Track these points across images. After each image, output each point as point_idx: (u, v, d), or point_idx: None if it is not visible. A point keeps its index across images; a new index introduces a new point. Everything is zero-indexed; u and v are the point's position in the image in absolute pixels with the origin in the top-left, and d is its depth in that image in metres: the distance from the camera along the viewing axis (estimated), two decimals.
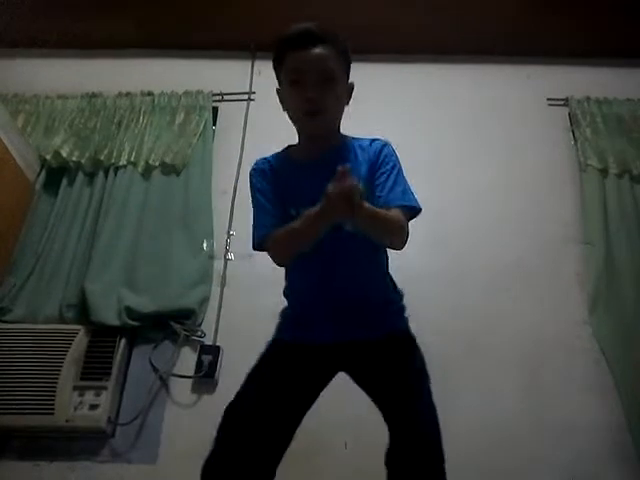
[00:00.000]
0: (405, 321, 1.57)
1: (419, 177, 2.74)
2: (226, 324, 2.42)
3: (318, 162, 1.53)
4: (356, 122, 2.94)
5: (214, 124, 3.00)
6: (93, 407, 2.16)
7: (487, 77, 3.13)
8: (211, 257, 2.56)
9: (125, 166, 2.72)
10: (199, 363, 2.30)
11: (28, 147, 2.72)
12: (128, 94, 3.02)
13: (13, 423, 2.13)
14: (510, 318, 2.43)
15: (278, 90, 1.56)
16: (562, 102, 3.03)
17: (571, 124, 2.96)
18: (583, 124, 2.89)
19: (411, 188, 1.53)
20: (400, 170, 1.54)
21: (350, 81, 1.58)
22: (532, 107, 3.02)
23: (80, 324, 2.32)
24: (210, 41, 3.14)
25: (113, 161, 2.74)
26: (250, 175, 1.60)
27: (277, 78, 1.55)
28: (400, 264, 2.52)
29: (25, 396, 2.14)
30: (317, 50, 1.47)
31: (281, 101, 1.56)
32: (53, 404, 2.13)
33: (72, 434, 2.18)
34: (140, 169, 2.72)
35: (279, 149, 1.66)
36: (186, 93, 3.01)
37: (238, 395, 1.42)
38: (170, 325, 2.35)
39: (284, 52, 1.50)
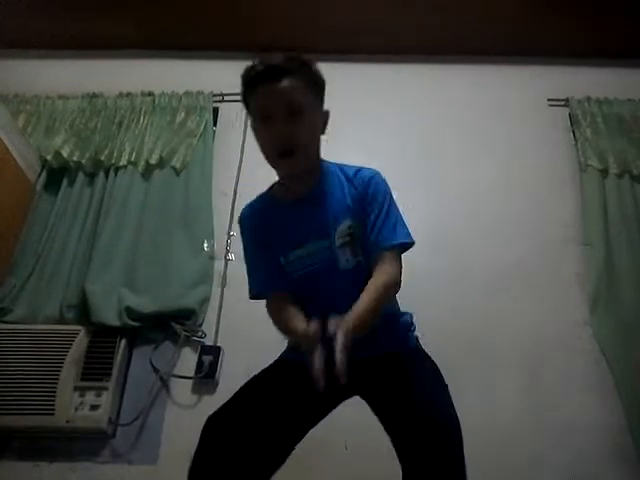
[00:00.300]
0: (412, 340, 1.55)
1: (419, 178, 2.78)
2: (227, 325, 2.42)
3: (302, 202, 1.49)
4: (356, 122, 2.95)
5: (214, 125, 3.00)
6: (94, 408, 2.16)
7: (487, 77, 3.13)
8: (211, 258, 2.56)
9: (125, 166, 2.72)
10: (199, 364, 2.30)
11: (29, 147, 2.72)
12: (129, 94, 3.02)
13: (13, 423, 2.13)
14: (510, 318, 2.43)
15: (252, 126, 1.49)
16: (562, 102, 3.02)
17: (571, 124, 2.96)
18: (583, 124, 2.89)
19: (402, 220, 1.49)
20: (390, 204, 1.47)
21: (325, 109, 1.53)
22: (532, 107, 3.02)
23: (80, 324, 2.32)
24: (210, 41, 3.14)
25: (113, 161, 2.74)
26: (238, 223, 1.59)
27: (249, 115, 1.49)
28: (402, 265, 2.54)
29: (25, 396, 2.14)
30: (283, 83, 1.40)
31: (256, 139, 1.48)
32: (53, 404, 2.13)
33: (72, 434, 2.18)
34: (140, 169, 2.72)
35: None
36: (186, 93, 3.01)
37: (225, 406, 1.37)
38: (171, 325, 2.35)
39: (250, 89, 1.45)
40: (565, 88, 3.04)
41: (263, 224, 1.54)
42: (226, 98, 3.03)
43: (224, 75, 3.12)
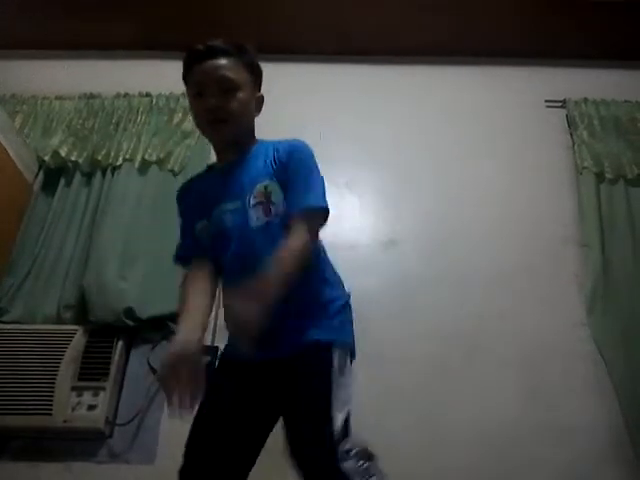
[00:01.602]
0: (327, 332, 1.41)
1: (418, 180, 2.79)
2: (224, 325, 2.41)
3: (227, 168, 1.55)
4: (355, 122, 2.96)
5: None
6: (91, 408, 2.16)
7: (485, 79, 3.14)
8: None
9: (122, 166, 2.71)
10: None
11: (26, 148, 2.71)
12: (126, 95, 3.02)
13: (11, 424, 2.12)
14: (509, 319, 2.43)
15: (189, 102, 1.58)
16: (560, 104, 3.03)
17: (569, 126, 2.96)
18: (580, 126, 2.90)
19: (318, 186, 1.47)
20: (308, 171, 1.48)
21: (259, 94, 1.60)
22: (530, 109, 3.03)
23: (78, 324, 2.32)
24: (206, 42, 3.14)
25: (111, 161, 2.73)
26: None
27: (187, 93, 1.58)
28: (399, 266, 2.55)
29: (23, 397, 2.13)
30: (217, 61, 1.49)
31: (191, 114, 1.59)
32: (51, 405, 2.13)
33: (70, 435, 2.17)
34: (137, 170, 2.72)
35: None
36: (184, 94, 2.97)
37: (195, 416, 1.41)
38: (168, 325, 2.34)
39: (188, 68, 1.54)
40: (562, 89, 3.05)
41: (190, 193, 1.65)
42: None
43: None
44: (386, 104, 3.01)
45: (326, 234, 1.52)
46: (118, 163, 2.72)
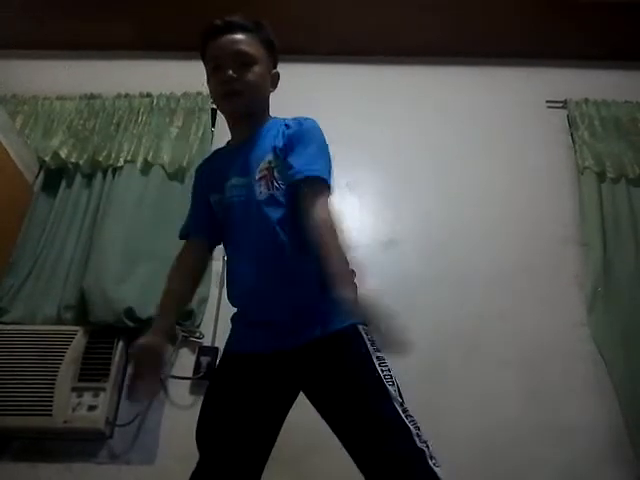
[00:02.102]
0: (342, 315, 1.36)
1: (418, 180, 2.78)
2: (224, 325, 2.40)
3: (240, 146, 1.56)
4: (355, 122, 2.95)
5: (213, 126, 3.00)
6: (91, 408, 2.16)
7: (486, 79, 3.14)
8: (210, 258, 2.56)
9: (123, 167, 2.71)
10: (197, 364, 2.30)
11: (26, 148, 2.71)
12: (127, 95, 3.03)
13: (11, 424, 2.12)
14: (509, 320, 2.43)
15: (207, 77, 1.59)
16: (561, 104, 3.03)
17: (570, 126, 2.96)
18: (581, 127, 2.90)
19: (327, 162, 1.49)
20: (317, 141, 1.50)
21: (275, 70, 1.61)
22: (531, 109, 3.03)
23: (78, 325, 2.32)
24: None
25: (111, 162, 2.73)
26: None
27: (205, 68, 1.60)
28: (399, 267, 2.55)
29: (23, 397, 2.13)
30: (234, 36, 1.52)
31: (209, 89, 1.59)
32: (51, 405, 2.13)
33: (70, 435, 2.18)
34: (138, 170, 2.72)
35: None
36: (185, 95, 3.01)
37: (199, 419, 1.43)
38: None
39: (205, 44, 1.57)
40: (563, 90, 3.05)
41: (205, 171, 1.67)
42: None
43: None
44: (386, 105, 3.01)
45: None
46: (119, 164, 2.71)
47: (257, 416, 1.40)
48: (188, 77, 3.10)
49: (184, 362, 2.34)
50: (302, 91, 2.93)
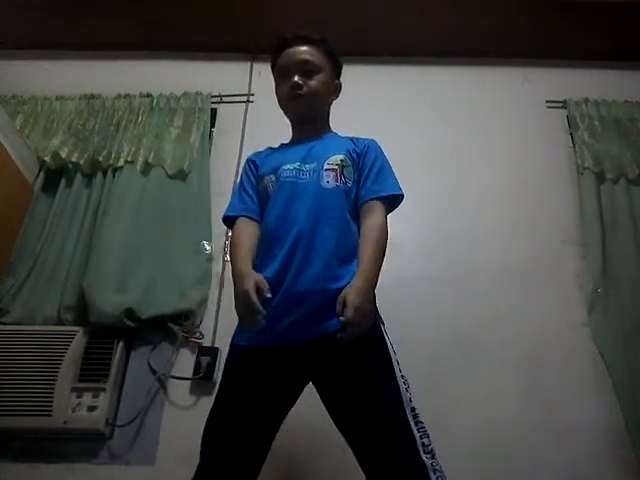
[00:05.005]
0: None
1: (418, 180, 2.78)
2: (224, 325, 2.41)
3: (301, 143, 1.70)
4: (355, 123, 2.95)
5: (213, 126, 3.00)
6: (91, 409, 2.15)
7: (485, 79, 3.14)
8: (209, 259, 2.56)
9: (123, 167, 2.71)
10: (197, 365, 2.30)
11: (26, 148, 2.71)
12: (127, 95, 3.02)
13: (11, 425, 2.12)
14: (510, 319, 2.43)
15: (275, 86, 1.74)
16: (560, 104, 3.03)
17: (569, 126, 2.96)
18: (581, 127, 2.90)
19: (394, 177, 1.65)
20: (382, 162, 1.66)
21: (338, 81, 1.78)
22: (531, 109, 3.03)
23: (78, 325, 2.32)
24: (209, 42, 3.14)
25: (111, 162, 2.73)
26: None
27: (275, 78, 1.76)
28: (401, 267, 2.55)
29: (23, 398, 2.13)
30: (300, 47, 1.68)
31: (278, 101, 1.74)
32: (51, 406, 2.12)
33: (70, 436, 2.17)
34: (138, 170, 2.72)
35: None
36: (185, 95, 3.01)
37: (211, 411, 1.45)
38: (168, 326, 2.34)
39: (276, 56, 1.73)
40: (563, 90, 3.05)
41: (256, 160, 1.77)
42: (224, 99, 3.03)
43: (222, 76, 3.14)
44: (386, 104, 3.01)
45: None
46: (119, 164, 2.71)
47: (268, 411, 1.43)
48: (188, 77, 3.13)
49: (184, 362, 2.33)
50: None
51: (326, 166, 1.58)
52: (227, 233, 2.63)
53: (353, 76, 3.15)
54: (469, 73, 3.16)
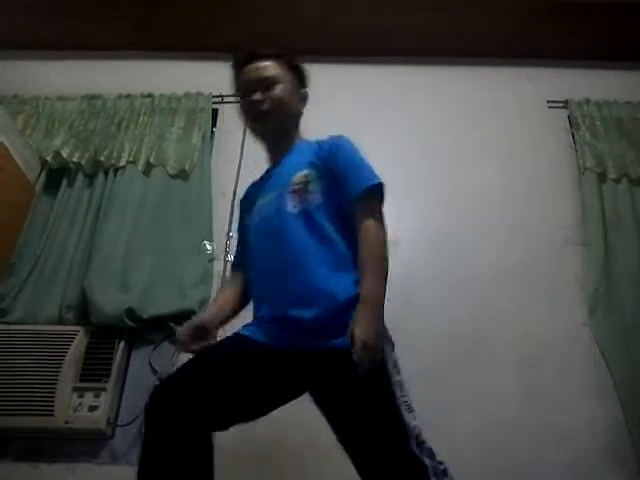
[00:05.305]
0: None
1: (419, 180, 2.78)
2: (225, 326, 2.41)
3: (273, 168, 1.66)
4: (355, 124, 2.95)
5: (214, 126, 3.00)
6: (92, 408, 2.15)
7: (487, 79, 3.14)
8: (211, 259, 2.56)
9: (124, 167, 2.72)
10: None
11: (28, 148, 2.72)
12: (128, 96, 3.03)
13: (12, 424, 2.12)
14: (510, 320, 2.43)
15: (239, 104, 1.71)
16: (562, 104, 3.03)
17: (571, 127, 2.96)
18: (582, 127, 2.90)
19: (365, 167, 1.52)
20: (354, 159, 1.54)
21: (303, 90, 1.72)
22: (532, 109, 3.03)
23: (80, 325, 2.32)
24: (210, 42, 3.14)
25: (113, 162, 2.74)
26: None
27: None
28: (399, 267, 2.54)
29: (24, 397, 2.13)
30: (260, 64, 1.65)
31: (245, 123, 1.71)
32: (52, 405, 2.13)
33: (71, 435, 2.17)
34: (140, 170, 2.72)
35: None
36: (186, 95, 3.01)
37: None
38: (170, 326, 2.34)
39: (235, 74, 1.71)
40: (564, 90, 3.05)
41: (243, 202, 1.77)
42: (225, 99, 3.03)
43: (223, 76, 3.11)
44: (386, 104, 3.01)
45: None
46: (120, 164, 2.72)
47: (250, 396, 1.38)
48: (189, 77, 3.13)
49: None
50: None
51: (290, 189, 1.51)
52: (228, 233, 2.63)
53: (352, 76, 3.18)
54: (470, 73, 3.15)
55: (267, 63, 1.65)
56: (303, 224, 1.45)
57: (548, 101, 3.05)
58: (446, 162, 2.85)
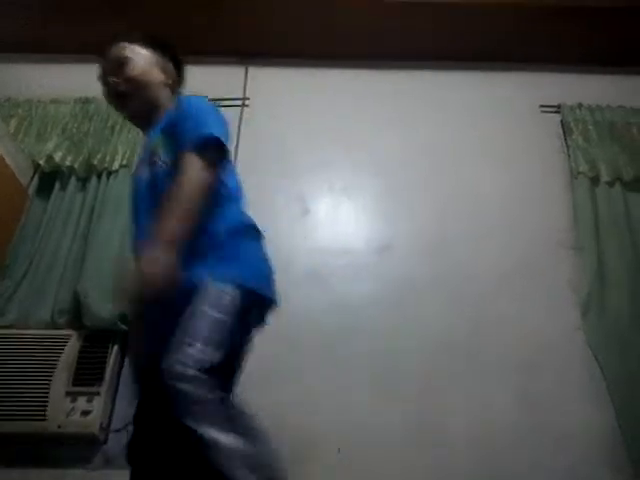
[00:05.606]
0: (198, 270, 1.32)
1: (412, 185, 2.79)
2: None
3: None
4: (354, 125, 2.94)
5: None
6: (85, 413, 2.14)
7: (480, 83, 3.15)
8: None
9: (117, 170, 2.71)
10: None
11: (21, 152, 2.70)
12: None
13: (4, 429, 2.11)
14: (504, 325, 2.43)
15: None
16: (555, 109, 3.05)
17: (563, 131, 2.97)
18: (575, 132, 2.91)
19: (207, 119, 1.43)
20: (193, 111, 1.46)
21: (169, 62, 1.73)
22: (525, 114, 3.04)
23: (72, 329, 2.31)
24: (204, 47, 3.14)
25: (106, 165, 2.73)
26: None
27: None
28: (395, 271, 2.56)
29: (17, 402, 2.12)
30: (110, 50, 1.63)
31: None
32: (45, 410, 2.12)
33: (64, 440, 2.16)
34: (132, 175, 2.71)
35: (272, 154, 1.68)
36: None
37: None
38: None
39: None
40: (557, 95, 3.06)
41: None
42: (219, 103, 3.02)
43: (218, 80, 3.13)
44: (382, 109, 3.02)
45: (321, 239, 1.52)
46: (114, 168, 2.71)
47: None
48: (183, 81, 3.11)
49: None
50: (298, 95, 2.94)
51: (148, 159, 1.50)
52: None
53: (350, 79, 3.19)
54: (463, 78, 3.16)
55: (114, 48, 1.62)
56: (154, 188, 1.43)
57: (541, 106, 3.06)
58: (439, 167, 2.86)
